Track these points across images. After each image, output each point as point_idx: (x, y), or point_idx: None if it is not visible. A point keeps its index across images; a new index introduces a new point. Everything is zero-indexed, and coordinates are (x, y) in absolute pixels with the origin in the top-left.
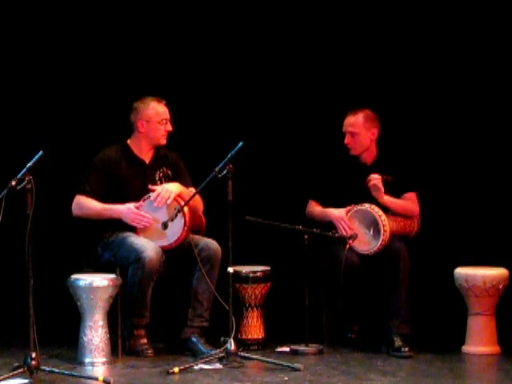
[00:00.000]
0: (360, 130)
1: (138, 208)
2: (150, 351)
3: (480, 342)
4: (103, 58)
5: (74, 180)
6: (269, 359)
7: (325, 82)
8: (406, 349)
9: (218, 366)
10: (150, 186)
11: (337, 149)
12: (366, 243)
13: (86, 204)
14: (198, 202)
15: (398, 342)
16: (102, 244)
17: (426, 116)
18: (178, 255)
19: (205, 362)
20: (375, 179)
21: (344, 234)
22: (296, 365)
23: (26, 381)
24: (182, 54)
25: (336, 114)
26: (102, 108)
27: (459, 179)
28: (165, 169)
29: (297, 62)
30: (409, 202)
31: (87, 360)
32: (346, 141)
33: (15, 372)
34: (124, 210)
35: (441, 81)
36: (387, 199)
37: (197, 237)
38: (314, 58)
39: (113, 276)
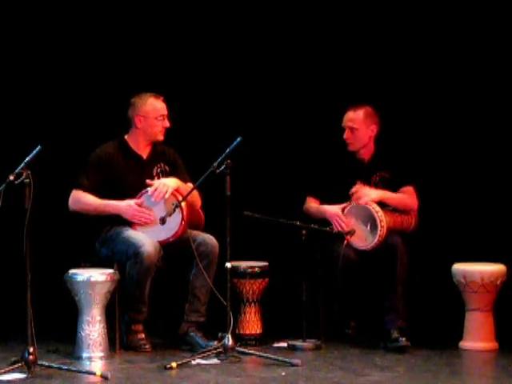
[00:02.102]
0: (360, 125)
1: (139, 205)
2: (147, 346)
3: (478, 337)
4: (101, 54)
5: (72, 175)
6: (266, 354)
7: (322, 78)
8: (404, 339)
9: (216, 360)
10: (147, 181)
11: (334, 145)
12: (363, 239)
13: (84, 199)
14: (196, 197)
15: (394, 334)
16: (100, 239)
17: (423, 113)
18: (176, 250)
19: (202, 357)
20: (356, 190)
21: (340, 230)
22: (293, 360)
23: (23, 375)
24: (180, 50)
25: (334, 110)
26: (100, 103)
27: (457, 175)
28: (162, 164)
29: (295, 58)
30: (406, 196)
31: (85, 355)
32: (345, 136)
33: (13, 367)
34: (124, 206)
35: (438, 77)
36: (382, 194)
37: (195, 232)
38: (311, 54)
39: (110, 271)
